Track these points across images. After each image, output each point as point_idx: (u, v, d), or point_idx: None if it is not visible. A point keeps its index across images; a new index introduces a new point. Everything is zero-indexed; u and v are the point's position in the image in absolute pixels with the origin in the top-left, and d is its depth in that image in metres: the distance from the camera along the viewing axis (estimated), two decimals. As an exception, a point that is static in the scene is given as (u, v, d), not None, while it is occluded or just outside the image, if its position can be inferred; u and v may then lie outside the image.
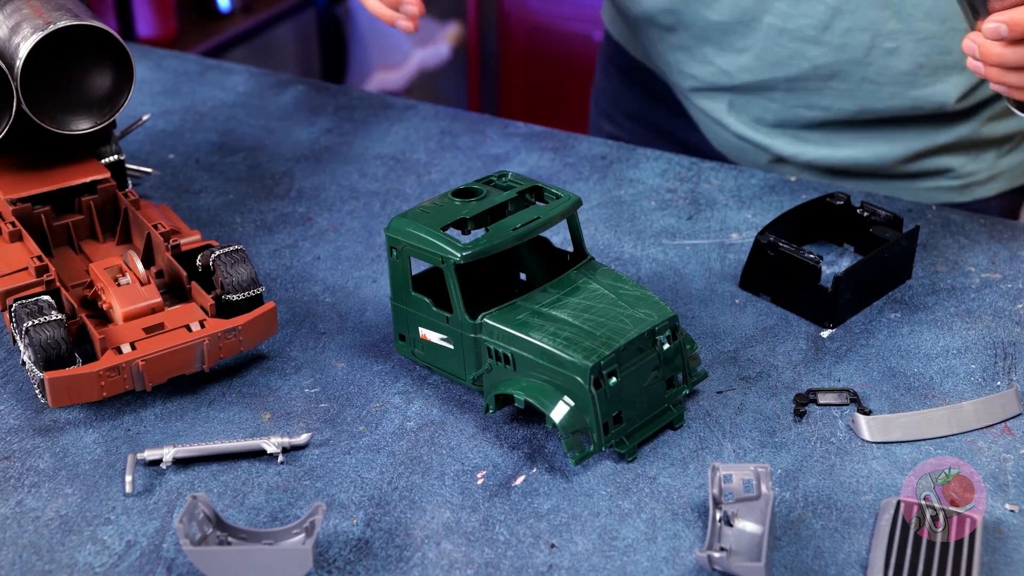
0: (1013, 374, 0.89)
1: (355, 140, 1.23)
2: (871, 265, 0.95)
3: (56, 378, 0.81)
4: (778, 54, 1.13)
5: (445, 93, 3.29)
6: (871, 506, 0.77)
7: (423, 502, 0.78)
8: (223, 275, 0.88)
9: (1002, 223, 1.08)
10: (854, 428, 0.83)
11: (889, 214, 1.00)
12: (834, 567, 0.73)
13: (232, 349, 0.87)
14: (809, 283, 0.93)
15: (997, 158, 1.20)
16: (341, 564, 0.74)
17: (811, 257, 0.93)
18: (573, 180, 1.15)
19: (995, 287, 0.99)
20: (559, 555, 0.74)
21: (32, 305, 0.84)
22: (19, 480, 0.80)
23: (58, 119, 0.95)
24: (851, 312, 0.95)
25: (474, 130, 1.25)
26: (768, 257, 0.95)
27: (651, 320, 0.81)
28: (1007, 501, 0.78)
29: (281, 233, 1.08)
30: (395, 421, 0.85)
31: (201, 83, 1.36)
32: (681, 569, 0.73)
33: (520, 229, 0.84)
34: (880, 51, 1.10)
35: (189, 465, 0.81)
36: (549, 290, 0.85)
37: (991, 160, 1.20)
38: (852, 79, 1.13)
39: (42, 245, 0.97)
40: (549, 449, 0.82)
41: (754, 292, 0.97)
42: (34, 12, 0.93)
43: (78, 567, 0.73)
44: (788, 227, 1.00)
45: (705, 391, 0.88)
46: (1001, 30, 0.87)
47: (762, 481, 0.75)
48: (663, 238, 1.06)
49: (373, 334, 0.94)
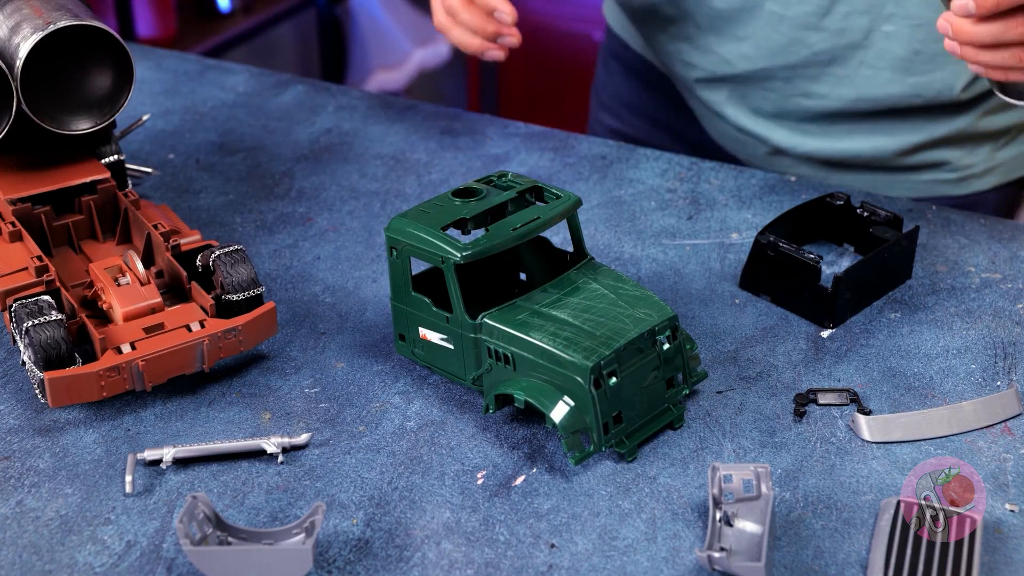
0: (1013, 374, 0.89)
1: (355, 140, 1.23)
2: (871, 265, 0.95)
3: (56, 378, 0.81)
4: (778, 41, 1.14)
5: (445, 93, 3.29)
6: (871, 506, 0.77)
7: (423, 502, 0.78)
8: (223, 275, 0.88)
9: (1002, 223, 1.08)
10: (854, 428, 0.83)
11: (889, 214, 1.00)
12: (834, 567, 0.73)
13: (232, 349, 0.87)
14: (809, 283, 0.93)
15: (993, 151, 1.20)
16: (341, 564, 0.74)
17: (811, 257, 0.93)
18: (573, 180, 1.15)
19: (995, 287, 0.99)
20: (559, 555, 0.74)
21: (32, 305, 0.84)
22: (19, 480, 0.80)
23: (58, 119, 0.95)
24: (851, 312, 0.95)
25: (474, 130, 1.25)
26: (768, 257, 0.95)
27: (651, 320, 0.81)
28: (1007, 501, 0.78)
29: (281, 233, 1.08)
30: (395, 421, 0.85)
31: (201, 83, 1.36)
32: (681, 569, 0.73)
33: (520, 229, 0.84)
34: (879, 35, 1.10)
35: (189, 465, 0.81)
36: (549, 290, 0.85)
37: (987, 153, 1.20)
38: (851, 64, 1.13)
39: (42, 245, 0.97)
40: (549, 449, 0.82)
41: (754, 292, 0.97)
42: (34, 12, 0.93)
43: (78, 567, 0.73)
44: (788, 227, 1.00)
45: (705, 391, 0.88)
46: (969, 6, 0.87)
47: (762, 481, 0.75)
48: (663, 238, 1.06)
49: (373, 334, 0.94)
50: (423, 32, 3.17)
